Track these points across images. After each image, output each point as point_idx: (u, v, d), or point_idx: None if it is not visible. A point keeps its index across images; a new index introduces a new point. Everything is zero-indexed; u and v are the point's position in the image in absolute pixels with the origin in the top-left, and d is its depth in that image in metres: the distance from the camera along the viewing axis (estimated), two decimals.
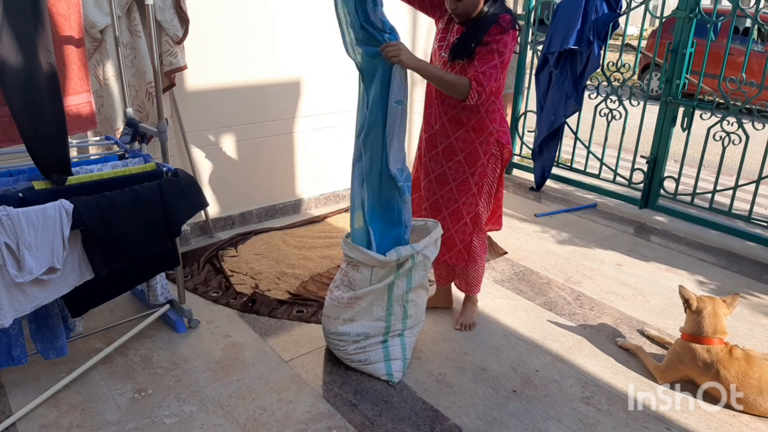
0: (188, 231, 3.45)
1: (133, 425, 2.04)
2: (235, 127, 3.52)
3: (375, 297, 2.26)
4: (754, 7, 3.38)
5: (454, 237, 2.53)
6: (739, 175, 3.64)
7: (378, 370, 2.30)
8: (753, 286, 3.20)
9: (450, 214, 2.49)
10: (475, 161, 2.41)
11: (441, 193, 2.49)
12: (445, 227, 2.49)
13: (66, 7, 2.25)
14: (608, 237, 3.77)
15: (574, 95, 4.11)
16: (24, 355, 2.12)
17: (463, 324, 2.68)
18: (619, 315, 2.84)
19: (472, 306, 2.74)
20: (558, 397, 2.26)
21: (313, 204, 4.06)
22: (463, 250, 2.55)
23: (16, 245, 1.80)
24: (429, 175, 2.51)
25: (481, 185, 2.45)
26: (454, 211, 2.49)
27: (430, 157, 2.49)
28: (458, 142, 2.40)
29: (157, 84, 2.42)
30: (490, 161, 2.43)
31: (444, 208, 2.50)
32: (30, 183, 2.01)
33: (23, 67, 1.83)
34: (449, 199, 2.48)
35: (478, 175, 2.43)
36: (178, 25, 2.93)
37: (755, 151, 3.87)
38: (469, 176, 2.43)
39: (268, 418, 2.10)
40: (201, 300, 2.86)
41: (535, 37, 4.53)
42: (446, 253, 2.56)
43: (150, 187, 2.15)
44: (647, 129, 4.05)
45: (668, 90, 3.83)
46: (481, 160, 2.41)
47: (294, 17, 3.54)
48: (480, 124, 2.37)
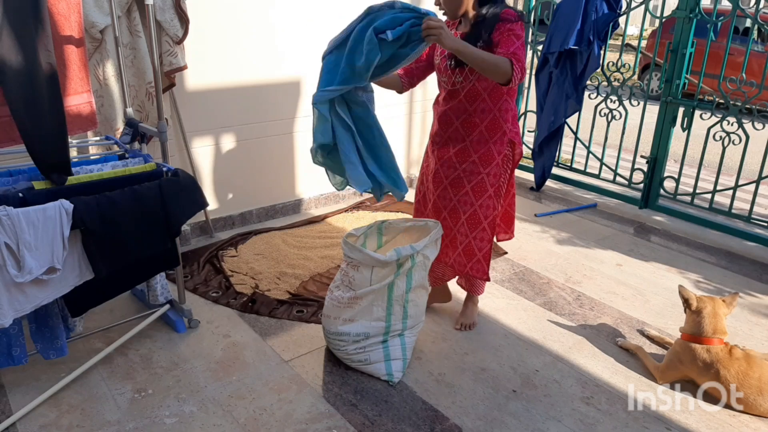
0: (188, 231, 3.45)
1: (133, 425, 2.04)
2: (235, 127, 3.52)
3: (375, 297, 2.26)
4: (754, 7, 3.38)
5: (472, 244, 2.43)
6: (739, 175, 3.64)
7: (378, 370, 2.30)
8: (753, 286, 3.20)
9: (468, 219, 2.41)
10: (490, 161, 2.36)
11: (458, 198, 2.41)
12: (462, 233, 2.43)
13: (66, 7, 2.25)
14: (608, 237, 3.77)
15: (574, 95, 4.11)
16: (24, 355, 2.12)
17: (463, 324, 2.67)
18: (619, 315, 2.84)
19: (473, 306, 2.73)
20: (558, 397, 2.26)
21: (313, 204, 4.06)
22: (482, 259, 2.44)
23: (16, 245, 1.80)
24: (443, 182, 2.42)
25: (497, 186, 2.39)
26: (471, 216, 2.40)
27: (442, 162, 2.42)
28: (473, 143, 2.35)
29: (157, 84, 2.42)
30: (503, 162, 2.39)
31: (462, 212, 2.41)
32: (30, 183, 2.00)
33: (23, 67, 1.83)
34: (466, 203, 2.40)
35: (493, 175, 2.37)
36: (178, 25, 2.93)
37: (755, 151, 3.87)
38: (485, 176, 2.37)
39: (268, 418, 2.10)
40: (201, 300, 2.86)
41: (535, 37, 4.53)
42: (467, 264, 2.44)
43: (150, 187, 2.15)
44: (647, 129, 4.05)
45: (668, 90, 3.83)
46: (495, 159, 2.36)
47: (294, 17, 3.54)
48: (493, 124, 2.33)
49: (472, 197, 2.40)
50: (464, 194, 2.40)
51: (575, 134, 4.42)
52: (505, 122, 2.35)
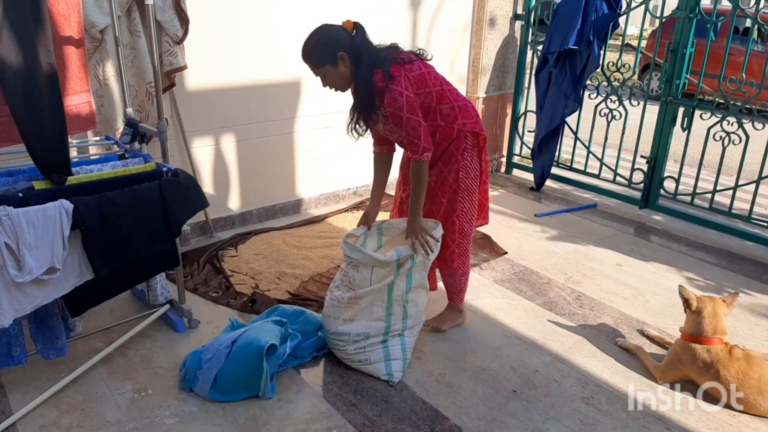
0: (188, 231, 3.45)
1: (133, 425, 2.04)
2: (235, 127, 3.52)
3: (375, 297, 2.26)
4: (754, 7, 3.38)
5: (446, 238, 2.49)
6: (739, 175, 3.64)
7: (378, 370, 2.30)
8: (753, 286, 3.20)
9: (440, 216, 2.46)
10: (449, 159, 2.39)
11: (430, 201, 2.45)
12: None
13: (66, 7, 2.25)
14: (608, 237, 3.77)
15: (573, 95, 4.11)
16: (24, 355, 2.12)
17: (433, 326, 2.63)
18: (619, 315, 2.84)
19: (451, 314, 2.68)
20: (558, 397, 2.26)
21: (313, 204, 4.06)
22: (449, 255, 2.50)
23: (16, 245, 1.80)
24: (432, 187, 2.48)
25: (458, 182, 2.40)
26: (444, 212, 2.45)
27: None
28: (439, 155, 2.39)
29: (157, 84, 2.42)
30: (465, 155, 2.39)
31: (436, 213, 2.47)
32: (30, 183, 2.00)
33: (23, 67, 1.83)
34: (435, 202, 2.45)
35: (455, 171, 2.39)
36: (178, 25, 2.93)
37: (755, 151, 3.86)
38: (447, 175, 2.41)
39: (268, 418, 2.10)
40: (201, 300, 2.86)
41: (535, 37, 4.53)
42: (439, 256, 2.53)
43: (150, 187, 2.15)
44: (647, 129, 4.05)
45: (668, 90, 3.83)
46: (454, 156, 2.38)
47: (294, 17, 3.54)
48: (443, 134, 2.36)
49: (440, 195, 2.44)
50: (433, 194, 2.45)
51: (575, 134, 4.42)
52: (452, 123, 2.34)
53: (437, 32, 4.30)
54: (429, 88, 2.27)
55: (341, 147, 4.02)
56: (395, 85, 2.13)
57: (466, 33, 4.51)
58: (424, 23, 4.20)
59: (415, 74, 2.23)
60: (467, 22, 4.48)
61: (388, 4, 3.92)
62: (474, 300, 2.89)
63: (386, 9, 3.95)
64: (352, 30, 2.19)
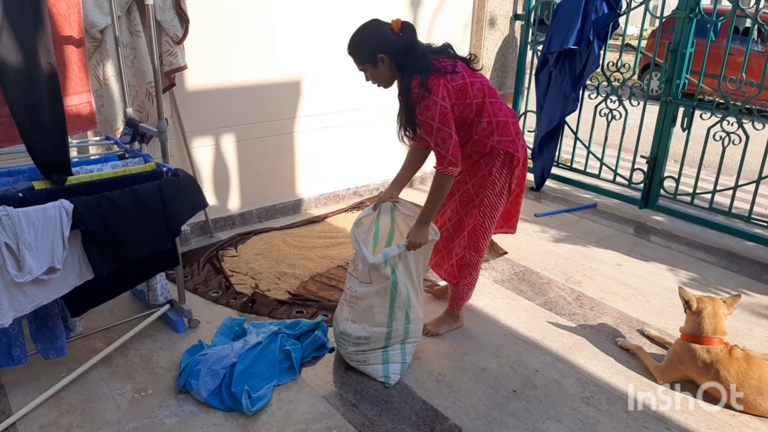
0: (188, 231, 3.45)
1: (133, 425, 2.04)
2: (235, 127, 3.52)
3: (375, 300, 2.24)
4: (754, 7, 3.38)
5: (452, 251, 2.51)
6: (739, 175, 3.64)
7: (375, 371, 2.30)
8: (753, 286, 3.20)
9: (453, 225, 2.47)
10: (476, 172, 2.38)
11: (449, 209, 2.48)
12: (448, 238, 2.49)
13: (66, 7, 2.25)
14: (608, 237, 3.77)
15: (572, 95, 4.11)
16: (24, 355, 2.12)
17: (429, 330, 2.62)
18: (619, 315, 2.84)
19: (448, 319, 2.67)
20: (558, 397, 2.26)
21: (313, 204, 4.06)
22: (455, 264, 2.51)
23: (16, 245, 1.80)
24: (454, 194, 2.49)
25: (482, 197, 2.40)
26: (457, 223, 2.46)
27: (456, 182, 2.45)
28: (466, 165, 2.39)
29: (157, 84, 2.42)
30: (493, 171, 2.36)
31: (448, 220, 2.49)
32: (30, 183, 2.00)
33: (23, 67, 1.83)
34: (453, 210, 2.47)
35: (478, 186, 2.38)
36: (178, 25, 2.93)
37: (755, 151, 3.86)
38: (470, 187, 2.40)
39: (268, 418, 2.10)
40: (201, 300, 2.86)
41: (535, 37, 4.53)
42: (443, 265, 2.55)
43: (150, 187, 2.14)
44: (647, 129, 4.05)
45: (668, 90, 3.83)
46: (481, 171, 2.37)
47: (294, 17, 3.54)
48: (474, 148, 2.35)
49: (458, 206, 2.44)
50: (452, 202, 2.45)
51: (575, 134, 4.42)
52: (487, 138, 2.32)
53: (437, 32, 4.30)
54: (469, 100, 2.22)
55: (341, 147, 4.02)
56: (429, 102, 2.10)
57: (466, 33, 4.51)
58: (424, 23, 4.20)
59: (456, 84, 2.18)
60: (467, 21, 4.48)
61: (388, 4, 3.92)
62: (474, 300, 2.89)
63: (386, 9, 3.95)
64: (400, 30, 2.15)
